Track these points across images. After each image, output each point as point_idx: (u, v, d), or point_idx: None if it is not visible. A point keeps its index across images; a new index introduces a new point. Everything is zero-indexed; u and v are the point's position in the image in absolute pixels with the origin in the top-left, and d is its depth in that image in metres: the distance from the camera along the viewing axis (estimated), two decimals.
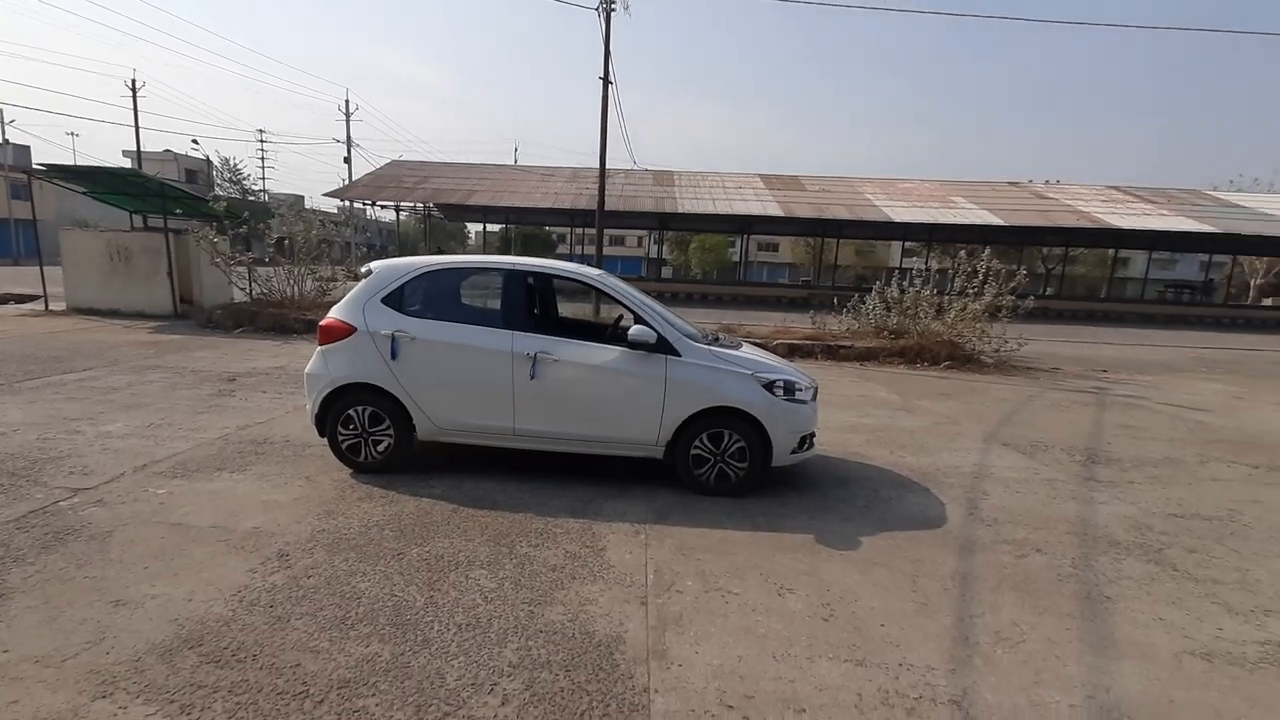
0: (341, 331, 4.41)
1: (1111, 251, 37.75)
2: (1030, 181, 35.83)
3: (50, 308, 13.19)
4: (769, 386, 4.37)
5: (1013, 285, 11.87)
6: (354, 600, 2.84)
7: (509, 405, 4.34)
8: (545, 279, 5.08)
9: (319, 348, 4.48)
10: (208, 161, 45.33)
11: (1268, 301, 37.40)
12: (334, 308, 4.58)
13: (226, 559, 3.17)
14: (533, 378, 4.29)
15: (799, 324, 14.01)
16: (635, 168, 32.70)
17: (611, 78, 14.76)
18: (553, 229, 52.11)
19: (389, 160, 33.94)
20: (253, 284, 13.46)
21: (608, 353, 4.34)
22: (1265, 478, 5.47)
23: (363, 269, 4.70)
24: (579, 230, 32.98)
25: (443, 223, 46.36)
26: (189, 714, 2.10)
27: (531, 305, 4.70)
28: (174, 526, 3.50)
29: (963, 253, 12.74)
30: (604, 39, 14.57)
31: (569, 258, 44.71)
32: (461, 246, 64.68)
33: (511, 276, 4.49)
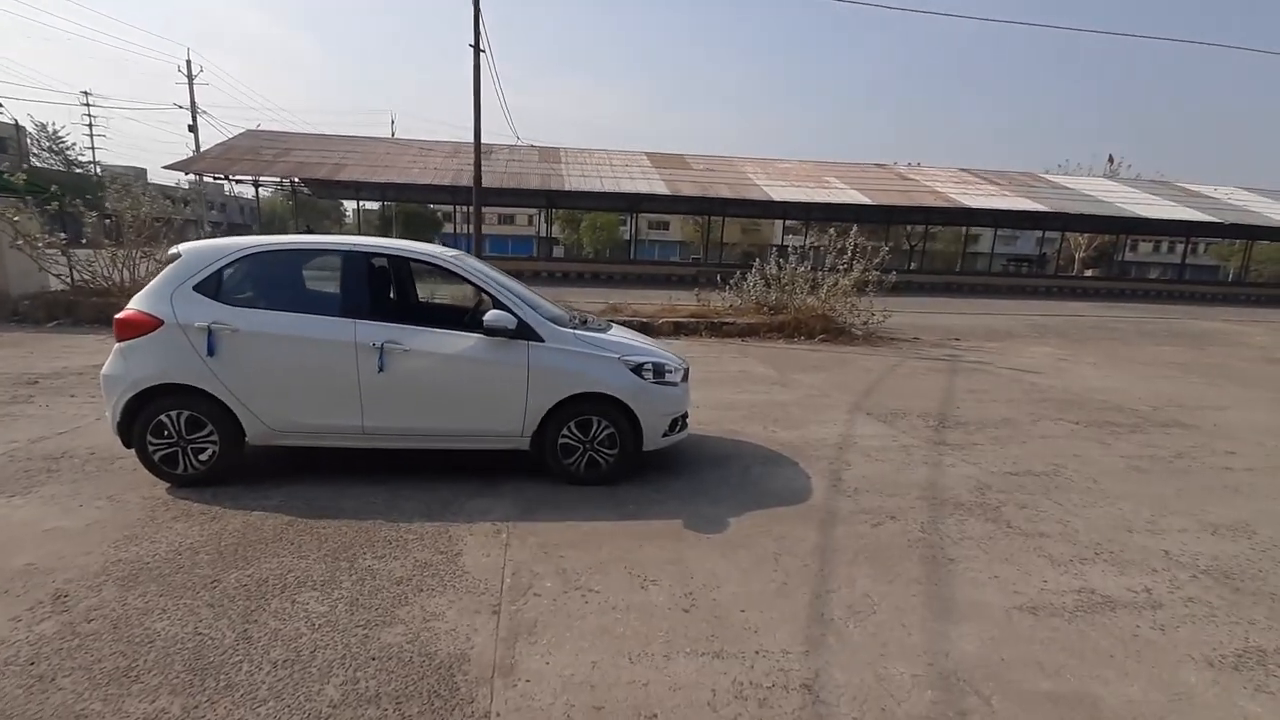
0: (144, 325, 3.78)
1: (964, 229, 41.39)
2: (895, 164, 38.32)
3: None
4: (637, 370, 4.25)
5: (877, 261, 12.58)
6: (145, 645, 2.42)
7: (355, 402, 3.93)
8: (394, 260, 4.65)
9: (116, 345, 3.82)
10: (17, 127, 38.92)
11: (1089, 272, 42.56)
12: (135, 297, 3.93)
13: None
14: (381, 370, 3.91)
15: (686, 302, 14.13)
16: (520, 144, 31.61)
17: (484, 46, 14.00)
18: (436, 207, 49.62)
19: (244, 130, 30.68)
20: (73, 270, 11.65)
21: (464, 340, 4.03)
22: (1084, 433, 6.09)
23: (170, 252, 4.06)
24: (464, 208, 31.51)
25: (314, 200, 42.83)
26: None
27: (377, 290, 4.27)
28: None
29: (832, 230, 13.34)
30: (474, 3, 13.75)
31: (454, 237, 42.88)
32: (337, 226, 60.23)
33: (351, 258, 4.04)
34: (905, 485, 4.50)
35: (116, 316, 3.86)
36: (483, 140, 16.31)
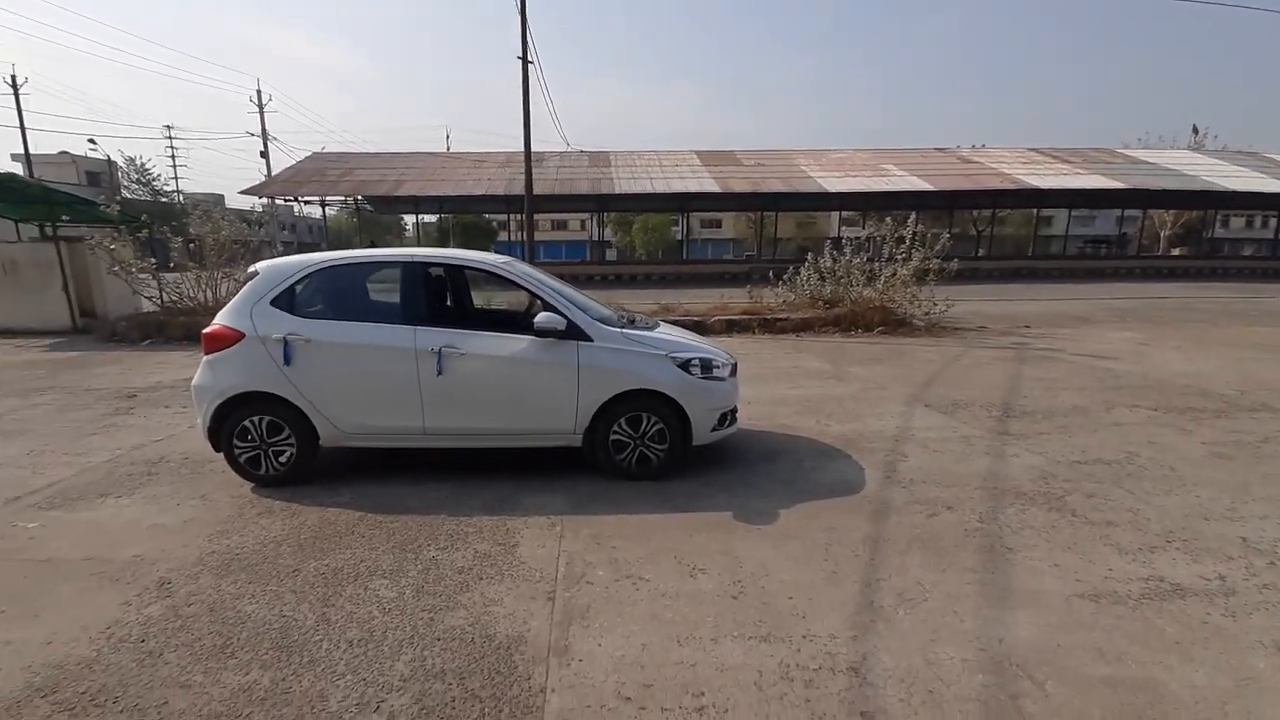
0: (228, 338, 4.13)
1: (1035, 211, 39.42)
2: (957, 147, 36.90)
3: None
4: (684, 365, 4.32)
5: (938, 249, 12.18)
6: (238, 625, 2.66)
7: (416, 404, 4.16)
8: (449, 269, 4.88)
9: (204, 358, 4.18)
10: (109, 162, 42.31)
11: (1176, 251, 39.79)
12: (219, 313, 4.29)
13: (98, 594, 2.93)
14: (440, 373, 4.12)
15: (738, 299, 14.07)
16: (570, 150, 32.17)
17: (532, 57, 14.36)
18: (491, 216, 51.00)
19: (310, 153, 32.41)
20: (162, 292, 12.64)
21: (517, 342, 4.20)
22: (1162, 419, 5.76)
23: (249, 270, 4.41)
24: (518, 216, 32.32)
25: (375, 216, 44.78)
26: None
27: (434, 298, 4.50)
28: (42, 563, 3.22)
29: (889, 219, 13.01)
30: (520, 12, 14.13)
31: (508, 245, 43.94)
32: (398, 240, 62.69)
33: (409, 269, 4.28)
34: (964, 476, 4.39)
35: (204, 331, 4.22)
36: (533, 148, 16.72)
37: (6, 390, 7.31)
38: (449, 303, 5.02)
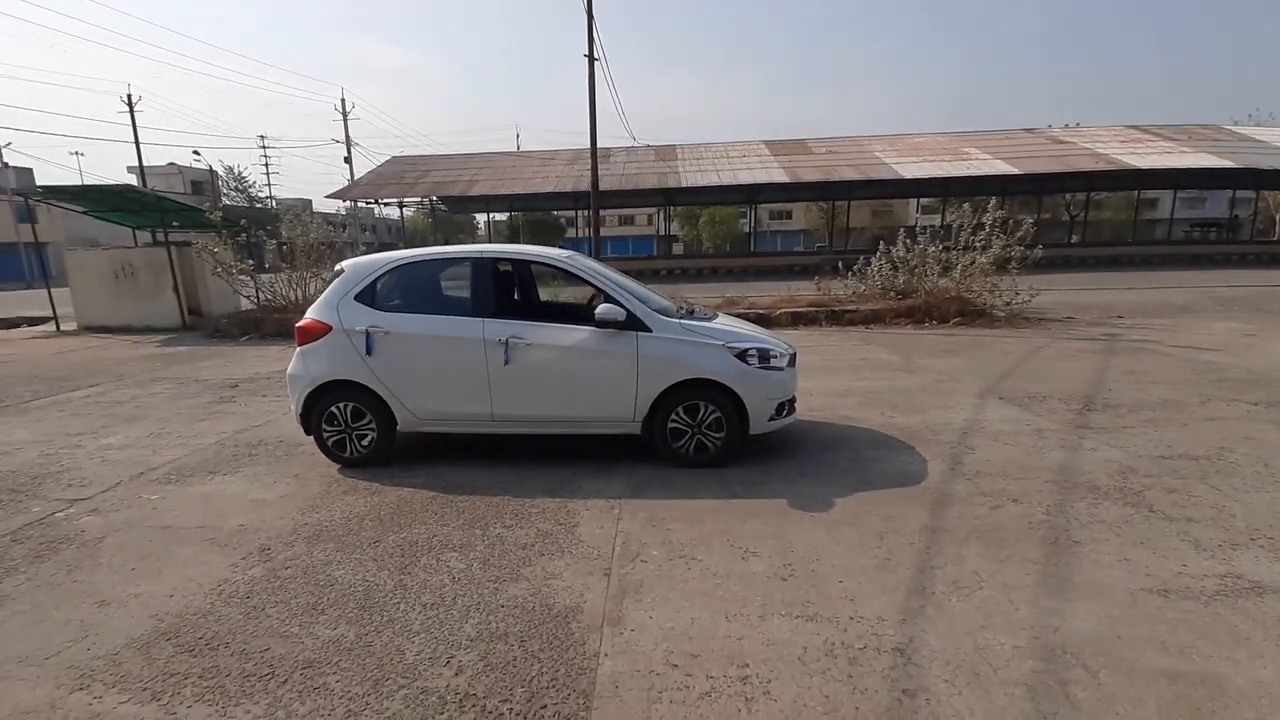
0: (318, 331, 4.51)
1: (1135, 194, 36.59)
2: (1049, 127, 34.67)
3: (61, 328, 13.60)
4: (742, 355, 4.38)
5: (1020, 235, 11.59)
6: (327, 587, 2.95)
7: (485, 391, 4.41)
8: (515, 263, 5.12)
9: (298, 349, 4.58)
10: (211, 172, 45.89)
11: None
12: (310, 308, 4.68)
13: (210, 556, 3.31)
14: (506, 363, 4.36)
15: (805, 292, 13.87)
16: (637, 144, 32.37)
17: (598, 54, 14.61)
18: (560, 213, 52.01)
19: (389, 157, 34.07)
20: (258, 291, 13.70)
21: (578, 333, 4.37)
22: (1263, 414, 5.35)
23: (336, 269, 4.79)
24: (585, 212, 32.83)
25: (450, 215, 46.58)
26: (159, 700, 2.23)
27: (501, 291, 4.74)
28: (163, 529, 3.65)
29: (966, 206, 12.48)
30: (586, 11, 14.40)
31: (575, 241, 44.71)
32: (470, 237, 64.94)
33: (479, 264, 4.54)
34: (1034, 469, 4.25)
35: (297, 325, 4.62)
36: (600, 144, 17.01)
37: (128, 381, 8.17)
38: (515, 296, 5.27)
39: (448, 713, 2.11)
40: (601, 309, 4.27)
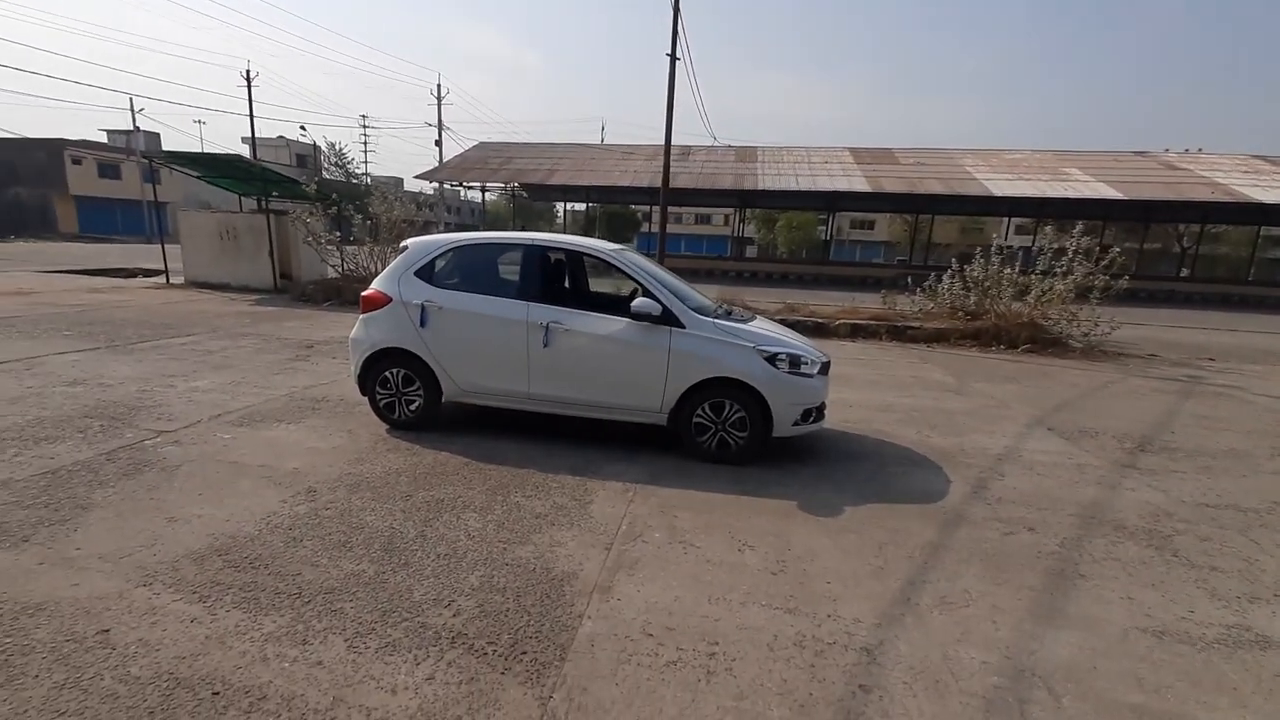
0: (380, 301, 4.91)
1: (1257, 229, 33.58)
2: (1167, 151, 32.29)
3: (171, 282, 14.96)
4: (771, 359, 4.48)
5: (1105, 263, 10.99)
6: (358, 530, 3.29)
7: (524, 371, 4.69)
8: (563, 253, 5.38)
9: (361, 316, 5.00)
10: (314, 147, 48.87)
11: None
12: (375, 280, 5.09)
13: (265, 491, 3.72)
14: (545, 345, 4.62)
15: (869, 304, 13.62)
16: (717, 144, 32.30)
17: (680, 54, 14.76)
18: (637, 207, 52.49)
19: (477, 143, 35.36)
20: (343, 261, 14.64)
21: (615, 323, 4.58)
22: None
23: (400, 245, 5.18)
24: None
25: (529, 202, 47.84)
26: (205, 602, 2.59)
27: (548, 278, 4.99)
28: (230, 464, 4.12)
29: (1048, 228, 11.93)
30: (673, 9, 14.58)
31: (647, 237, 44.95)
32: (549, 225, 66.44)
33: (529, 251, 4.82)
34: (1061, 502, 4.16)
35: (362, 294, 5.05)
36: (684, 143, 17.20)
37: (221, 333, 8.99)
38: (562, 284, 5.53)
39: (440, 645, 2.38)
40: (637, 302, 4.46)
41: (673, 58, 14.84)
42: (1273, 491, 4.52)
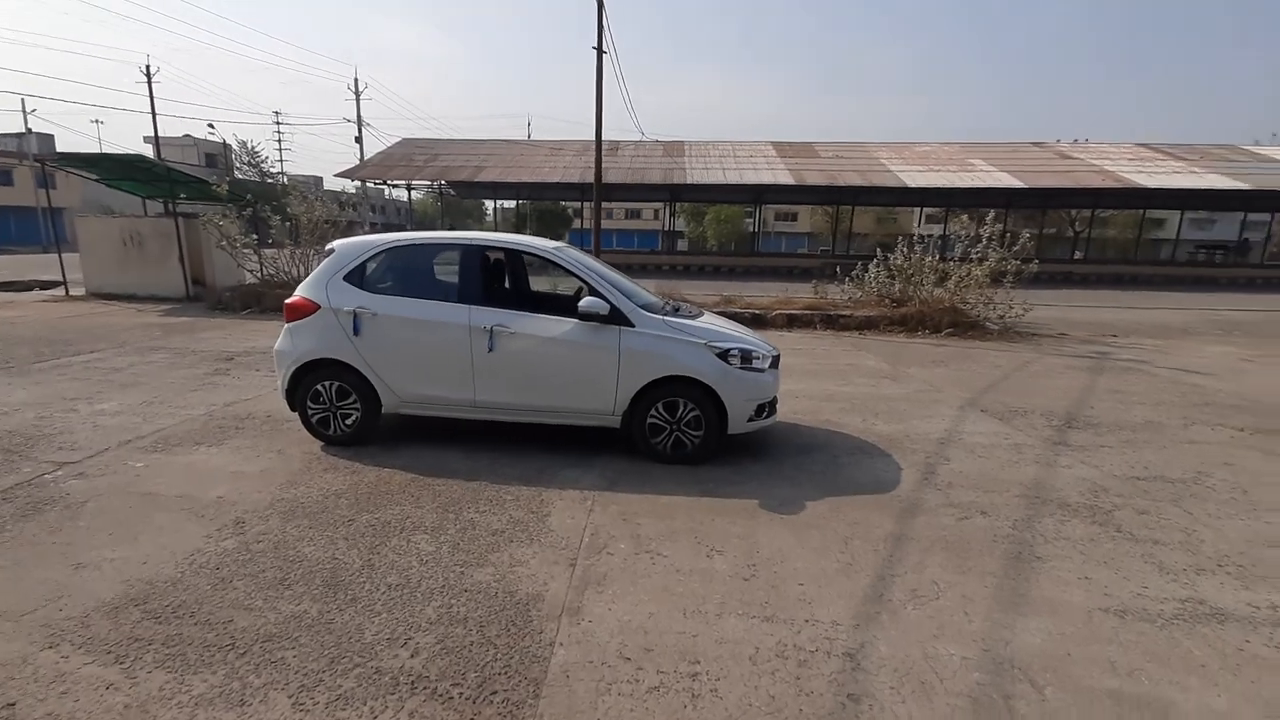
0: (306, 309, 4.55)
1: (1142, 212, 36.47)
2: (1058, 141, 34.55)
3: (71, 293, 13.64)
4: (723, 355, 4.42)
5: (1016, 248, 11.62)
6: (296, 563, 3.00)
7: (469, 377, 4.45)
8: (505, 253, 5.15)
9: (285, 325, 4.62)
10: (224, 145, 45.77)
11: None
12: (299, 286, 4.72)
13: (186, 525, 3.36)
14: (490, 350, 4.39)
15: (802, 294, 13.89)
16: (645, 139, 32.27)
17: (607, 47, 14.57)
18: (568, 204, 51.89)
19: (400, 139, 34.00)
20: (262, 266, 13.73)
21: (562, 324, 4.41)
22: (1247, 440, 5.38)
23: (326, 248, 4.82)
24: (592, 204, 32.75)
25: (458, 200, 46.51)
26: (122, 663, 2.28)
27: (489, 279, 4.76)
28: (144, 496, 3.71)
29: (964, 217, 12.51)
30: (598, 6, 14.35)
31: (580, 233, 44.60)
32: (479, 224, 64.83)
33: (468, 251, 4.57)
34: (1006, 483, 4.29)
35: (286, 302, 4.66)
36: (611, 138, 17.01)
37: (129, 348, 8.22)
38: (503, 285, 5.30)
39: (399, 693, 2.17)
40: (585, 302, 4.30)
41: (600, 51, 14.63)
42: (1192, 461, 4.82)
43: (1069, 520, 3.72)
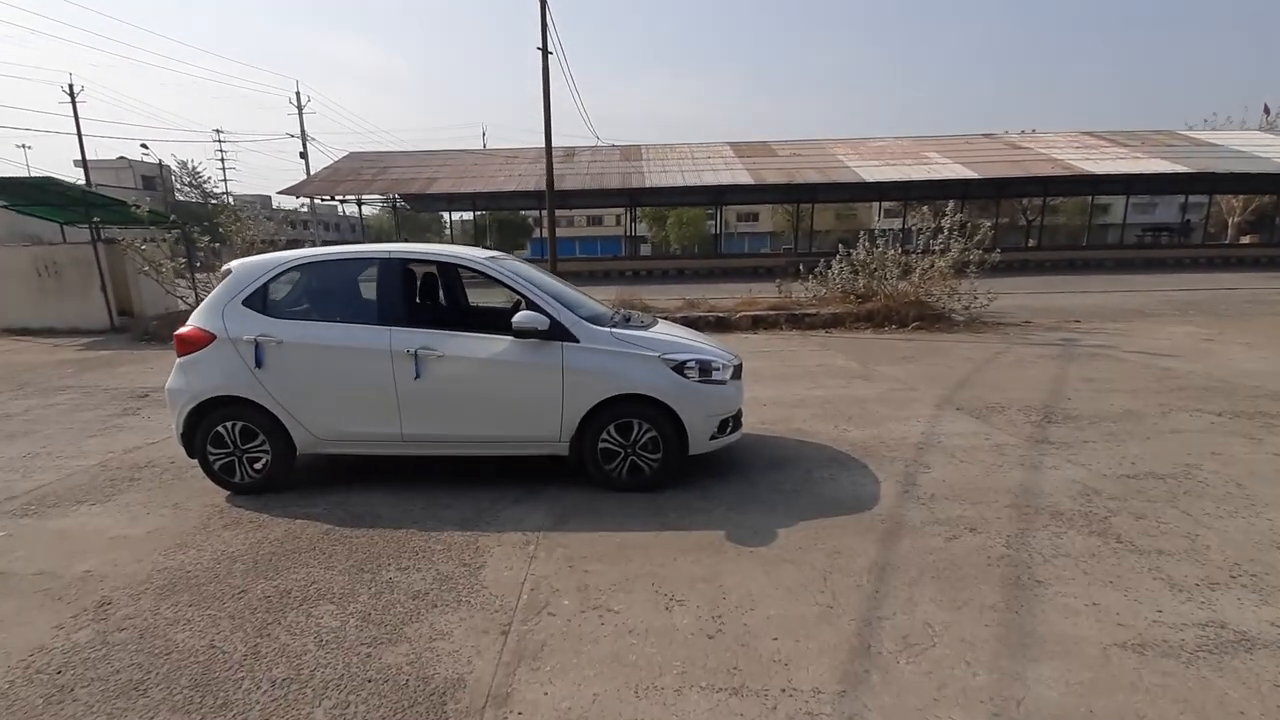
0: (200, 340, 3.96)
1: (1090, 198, 37.41)
2: (1006, 132, 35.24)
3: None
4: (679, 368, 3.97)
5: (978, 238, 11.52)
6: (161, 657, 2.44)
7: (393, 409, 3.92)
8: (434, 265, 4.63)
9: (177, 360, 4.03)
10: (161, 166, 43.91)
11: (1246, 239, 37.23)
12: (192, 314, 4.13)
13: (37, 613, 2.77)
14: (417, 377, 3.87)
15: (767, 294, 13.60)
16: (601, 144, 31.87)
17: (553, 48, 14.11)
18: (527, 213, 51.10)
19: (348, 153, 32.95)
20: (196, 292, 12.84)
21: (497, 344, 3.91)
22: (1228, 425, 5.15)
23: (223, 268, 4.24)
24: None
25: (413, 214, 45.36)
26: None
27: (413, 296, 4.26)
28: None
29: (925, 209, 12.37)
30: (540, 4, 13.89)
31: (539, 242, 43.91)
32: (437, 237, 63.53)
33: (386, 266, 4.04)
34: (993, 491, 3.93)
35: (176, 333, 4.07)
36: (568, 144, 16.54)
37: (30, 390, 7.43)
38: (434, 301, 4.78)
39: None
40: (520, 316, 3.81)
41: (544, 51, 14.16)
42: (1178, 453, 4.55)
43: (1065, 532, 3.36)
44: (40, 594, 2.93)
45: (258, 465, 4.03)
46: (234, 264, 4.17)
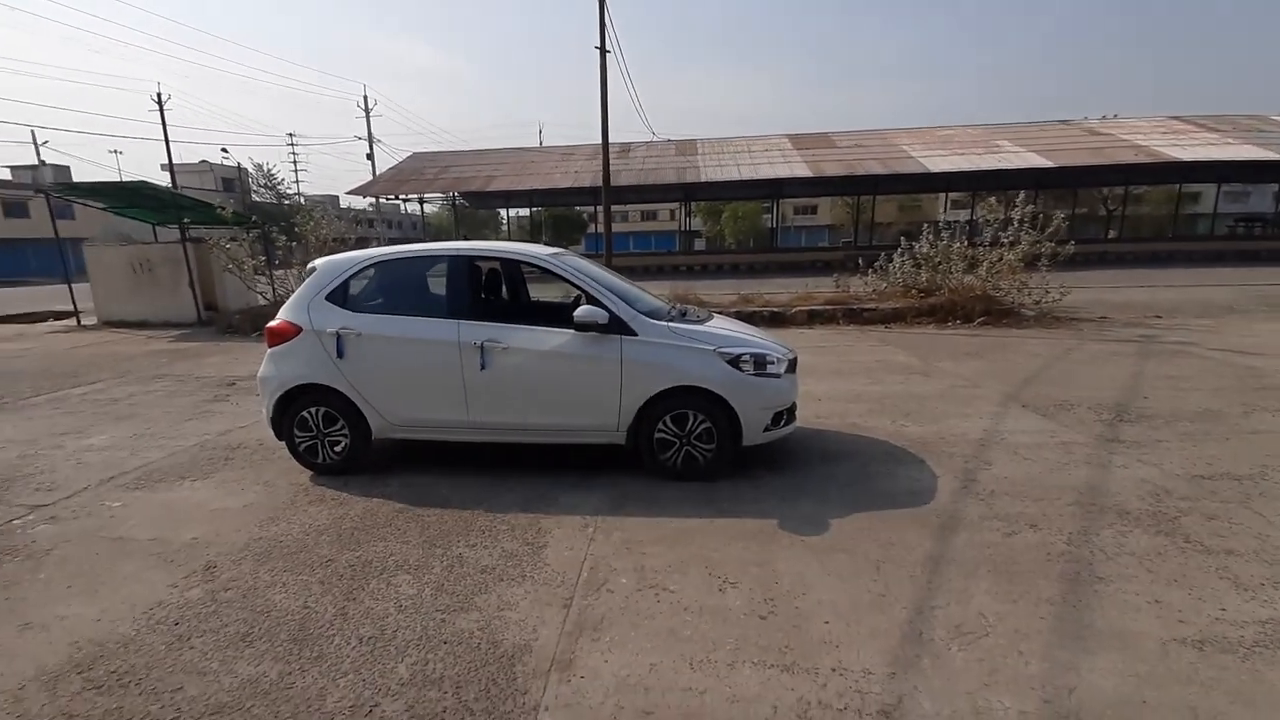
0: (288, 333, 4.29)
1: (1177, 188, 35.10)
2: (1085, 119, 33.37)
3: (83, 323, 13.74)
4: (734, 362, 4.06)
5: (1050, 230, 11.03)
6: (263, 614, 2.72)
7: (461, 398, 4.15)
8: (498, 262, 4.85)
9: (268, 350, 4.38)
10: (239, 169, 46.47)
11: None
12: (281, 309, 4.47)
13: (153, 574, 3.10)
14: (483, 368, 4.09)
15: (824, 289, 13.43)
16: (656, 139, 31.94)
17: (610, 47, 14.29)
18: (582, 209, 51.71)
19: (411, 153, 34.16)
20: (274, 287, 13.67)
21: (559, 336, 4.09)
22: None
23: (309, 266, 4.57)
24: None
25: (472, 211, 46.62)
26: None
27: (480, 291, 4.47)
28: (114, 541, 3.46)
29: (993, 199, 11.95)
30: (599, 3, 14.09)
31: (594, 238, 44.38)
32: (495, 233, 65.02)
33: (455, 263, 4.27)
34: (1056, 489, 3.86)
35: (267, 326, 4.42)
36: (623, 139, 16.73)
37: (131, 378, 8.11)
38: (497, 297, 5.00)
39: None
40: (581, 311, 3.97)
41: (602, 50, 14.36)
42: (1257, 454, 4.34)
43: (1131, 531, 3.28)
44: (154, 557, 3.28)
45: (337, 448, 4.34)
46: (318, 262, 4.50)
